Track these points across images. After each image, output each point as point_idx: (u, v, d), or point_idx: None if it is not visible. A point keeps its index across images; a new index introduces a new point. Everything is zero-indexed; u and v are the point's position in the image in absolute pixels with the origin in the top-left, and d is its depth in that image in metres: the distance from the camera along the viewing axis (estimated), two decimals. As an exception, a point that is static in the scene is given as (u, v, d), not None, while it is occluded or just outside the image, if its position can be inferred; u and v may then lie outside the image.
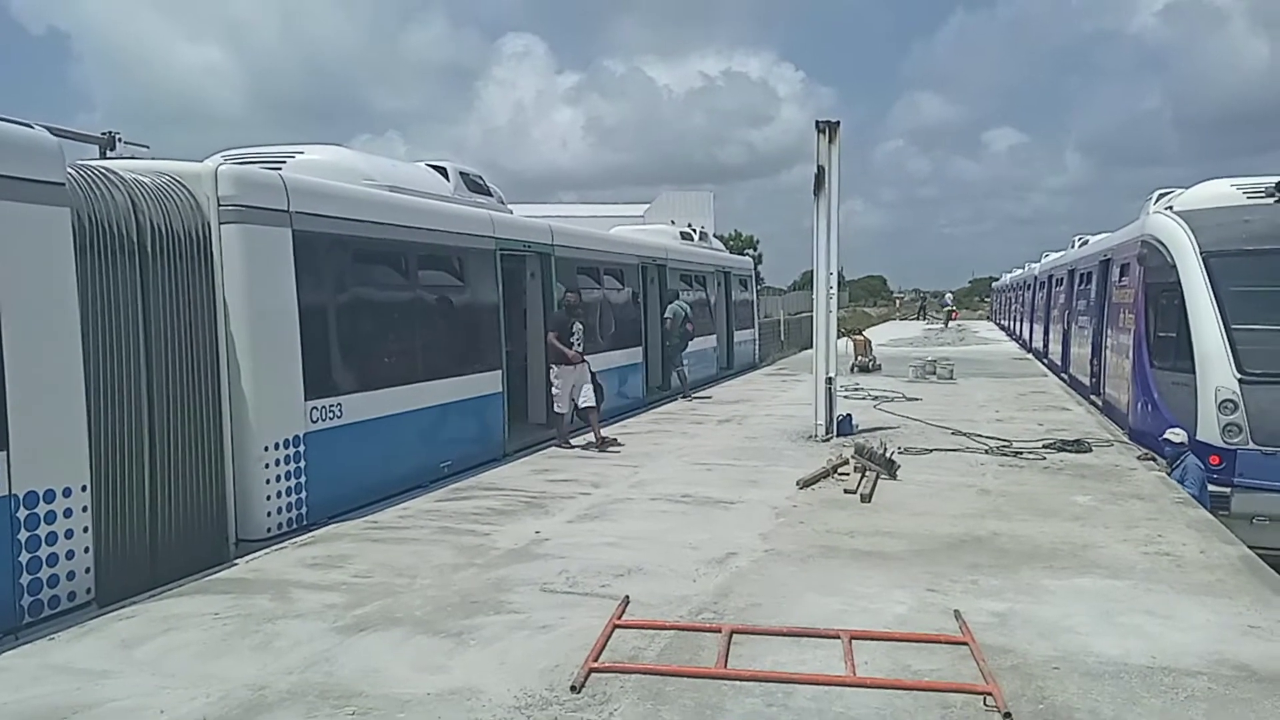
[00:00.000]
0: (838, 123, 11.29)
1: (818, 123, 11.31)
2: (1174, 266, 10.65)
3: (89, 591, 5.72)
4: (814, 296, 11.83)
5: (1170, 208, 11.97)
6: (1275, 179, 10.93)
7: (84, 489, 5.69)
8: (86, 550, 5.71)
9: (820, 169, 11.26)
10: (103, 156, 7.62)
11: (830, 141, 11.25)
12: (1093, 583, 5.78)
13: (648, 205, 39.87)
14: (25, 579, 5.35)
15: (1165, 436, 9.39)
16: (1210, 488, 9.05)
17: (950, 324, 47.66)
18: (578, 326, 10.97)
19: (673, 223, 21.31)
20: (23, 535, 5.32)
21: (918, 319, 55.78)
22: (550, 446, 11.19)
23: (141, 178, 6.62)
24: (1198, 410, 9.72)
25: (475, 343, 10.28)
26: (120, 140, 7.75)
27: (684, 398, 15.81)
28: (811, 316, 12.12)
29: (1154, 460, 9.70)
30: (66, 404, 5.62)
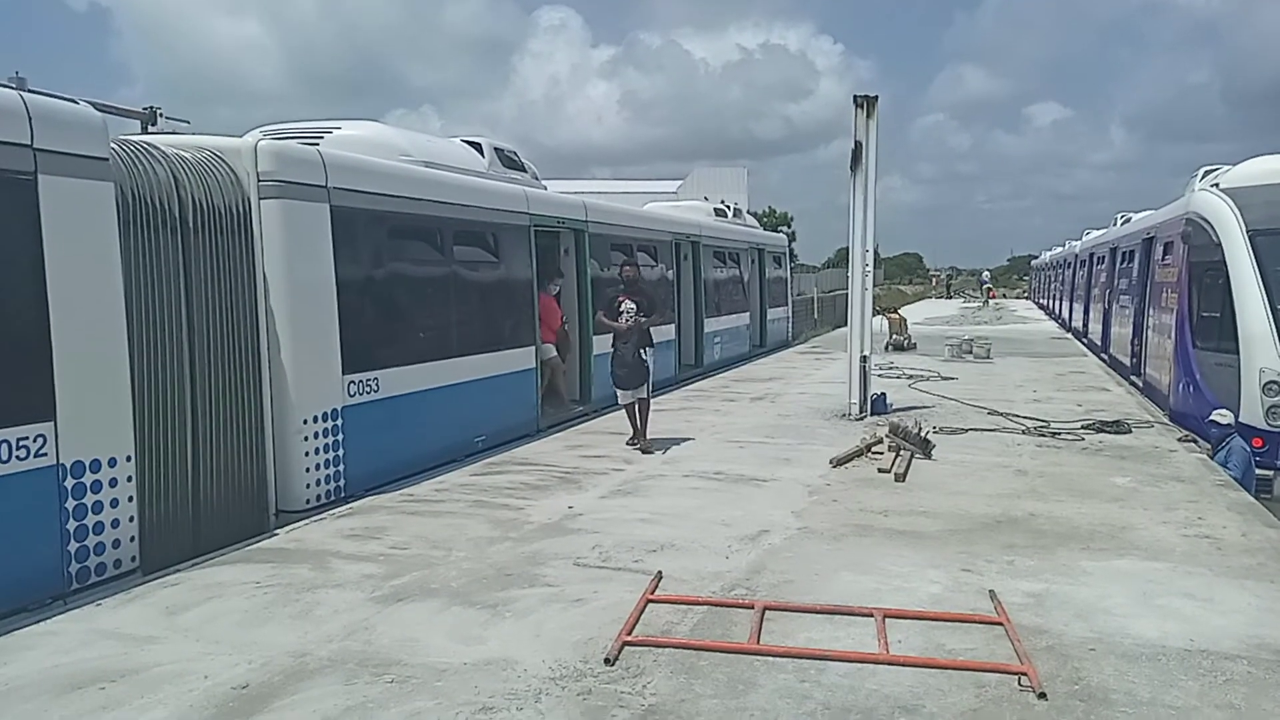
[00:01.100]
0: (875, 97, 11.14)
1: (855, 97, 11.17)
2: (1219, 245, 10.45)
3: (134, 559, 5.86)
4: (849, 274, 11.74)
5: (1216, 185, 11.72)
6: (1327, 155, 10.65)
7: (129, 459, 5.81)
8: (131, 519, 5.84)
9: (857, 144, 11.13)
10: (144, 131, 7.73)
11: (868, 116, 11.11)
12: (1131, 564, 5.72)
13: (681, 181, 39.81)
14: (73, 546, 5.48)
15: (1211, 418, 9.25)
16: (1254, 470, 8.91)
17: (989, 303, 47.15)
18: (628, 305, 9.56)
19: (706, 199, 21.23)
20: (70, 504, 5.46)
21: (948, 297, 55.29)
22: (586, 421, 11.23)
23: (183, 153, 6.70)
24: (1241, 392, 9.56)
25: (509, 318, 10.32)
26: (161, 115, 7.85)
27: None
28: (846, 294, 12.03)
29: (1195, 442, 9.55)
30: (111, 376, 5.73)
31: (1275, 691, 4.03)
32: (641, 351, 9.51)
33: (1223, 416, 9.17)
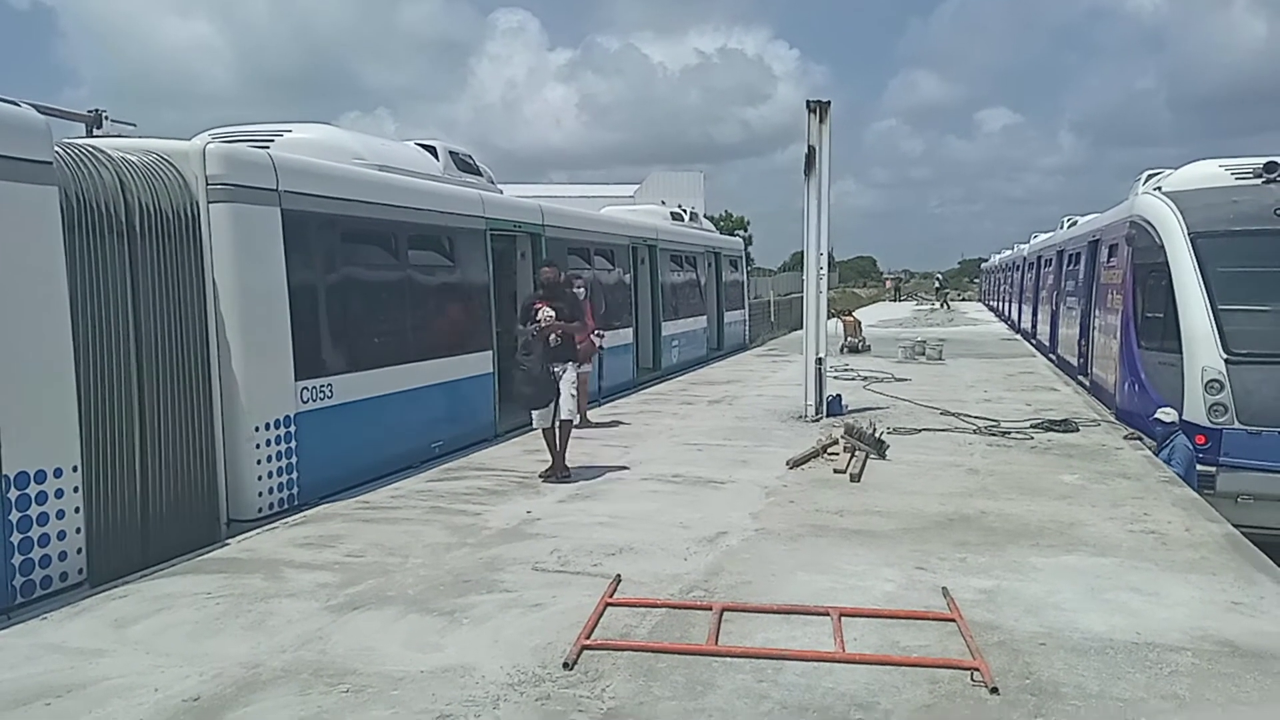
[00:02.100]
0: (828, 102, 11.26)
1: (809, 102, 11.28)
2: (1162, 247, 10.70)
3: (81, 571, 5.73)
4: (804, 277, 11.84)
5: (1159, 188, 12.00)
6: (1263, 160, 10.97)
7: (75, 469, 5.68)
8: (78, 530, 5.72)
9: (811, 149, 11.23)
10: (89, 134, 7.59)
11: (821, 121, 11.21)
12: (1079, 560, 5.84)
13: (638, 186, 39.88)
14: (17, 559, 5.35)
15: (1156, 416, 9.47)
16: (1196, 467, 9.14)
17: (949, 305, 47.78)
18: (545, 313, 8.18)
19: (663, 203, 21.31)
20: (14, 516, 5.32)
21: (896, 300, 56.06)
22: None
23: (129, 156, 6.57)
24: (1184, 390, 9.79)
25: (466, 323, 10.26)
26: (107, 118, 7.71)
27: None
28: (802, 297, 12.13)
29: (1140, 440, 9.77)
30: (56, 384, 5.60)
31: (1218, 681, 4.14)
32: (554, 367, 8.19)
33: (1167, 415, 9.39)
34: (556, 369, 8.25)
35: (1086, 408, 12.29)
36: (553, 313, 8.22)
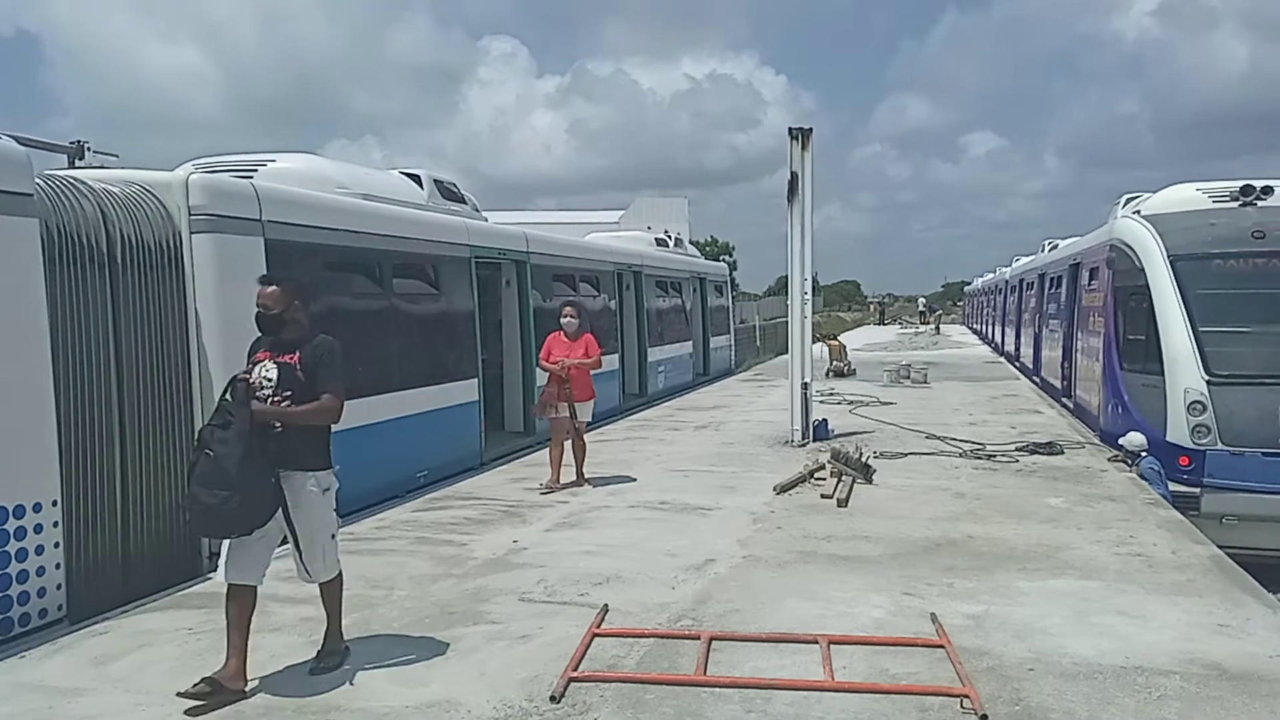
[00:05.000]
0: (810, 129, 11.37)
1: (791, 129, 11.38)
2: (1142, 270, 10.80)
3: (60, 608, 5.63)
4: (789, 302, 11.89)
5: (1138, 212, 12.13)
6: (1239, 183, 11.12)
7: (54, 504, 5.61)
8: (58, 566, 5.63)
9: (794, 175, 11.32)
10: (71, 166, 7.55)
11: (804, 148, 11.32)
12: (1066, 584, 5.84)
13: (622, 212, 39.95)
14: (-6, 596, 5.26)
15: (1120, 441, 9.55)
16: (1180, 488, 9.19)
17: (924, 327, 47.96)
18: (265, 372, 4.57)
19: (648, 229, 21.36)
20: (-9, 552, 5.24)
21: (879, 324, 56.37)
22: (530, 453, 11.13)
23: (111, 187, 6.54)
24: (1167, 412, 9.85)
25: (450, 351, 10.22)
26: (89, 149, 7.67)
27: None
28: (787, 322, 12.17)
29: (1125, 462, 9.82)
30: (36, 418, 5.53)
31: (1206, 705, 4.14)
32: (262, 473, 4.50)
33: (1129, 441, 9.49)
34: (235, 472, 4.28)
35: (1071, 430, 12.35)
36: (275, 372, 4.56)
